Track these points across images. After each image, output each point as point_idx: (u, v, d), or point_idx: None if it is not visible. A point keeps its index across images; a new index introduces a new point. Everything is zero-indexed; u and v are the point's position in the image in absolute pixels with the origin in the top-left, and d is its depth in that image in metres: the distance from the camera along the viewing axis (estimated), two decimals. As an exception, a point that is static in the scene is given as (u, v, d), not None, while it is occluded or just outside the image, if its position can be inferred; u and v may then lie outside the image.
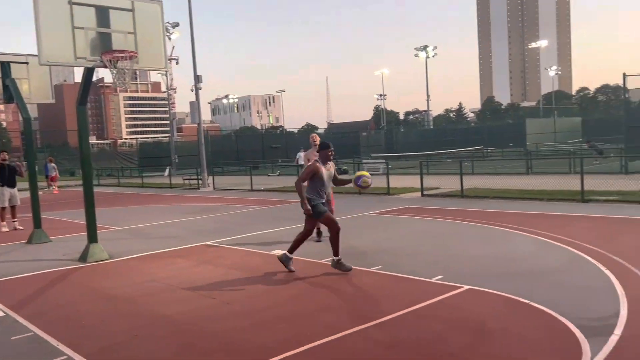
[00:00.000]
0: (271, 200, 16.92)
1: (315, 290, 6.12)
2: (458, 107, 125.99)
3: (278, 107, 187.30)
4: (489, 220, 10.56)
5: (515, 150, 39.71)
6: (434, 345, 4.31)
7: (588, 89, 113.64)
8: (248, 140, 47.54)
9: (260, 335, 4.73)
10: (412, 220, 11.20)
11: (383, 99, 77.12)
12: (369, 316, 5.00)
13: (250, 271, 7.26)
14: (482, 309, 5.15)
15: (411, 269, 6.79)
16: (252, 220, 12.51)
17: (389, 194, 16.55)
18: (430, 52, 55.57)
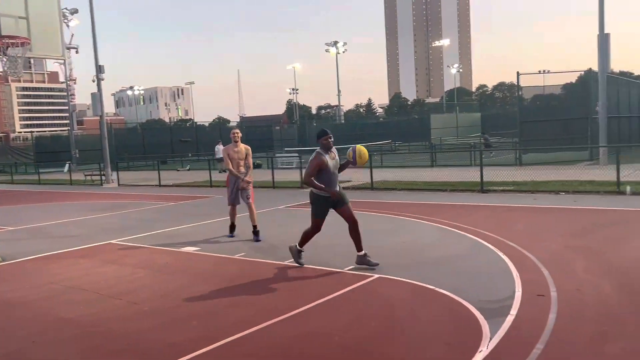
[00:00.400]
0: (181, 196, 16.43)
1: (227, 287, 6.04)
2: (368, 103, 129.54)
3: (187, 100, 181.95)
4: (397, 211, 10.96)
5: (421, 144, 41.53)
6: (345, 334, 4.41)
7: (486, 86, 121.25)
8: (156, 134, 45.77)
9: (171, 334, 4.59)
10: (325, 213, 11.35)
11: (295, 93, 77.45)
12: (280, 309, 5.02)
13: (159, 270, 7.02)
14: (391, 296, 5.34)
15: (324, 261, 6.89)
16: (161, 217, 12.09)
17: (303, 187, 16.66)
18: (340, 47, 56.49)
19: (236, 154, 8.59)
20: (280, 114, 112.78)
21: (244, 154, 8.63)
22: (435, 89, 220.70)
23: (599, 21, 18.40)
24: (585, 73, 21.21)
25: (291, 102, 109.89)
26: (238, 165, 8.61)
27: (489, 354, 3.85)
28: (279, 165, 26.54)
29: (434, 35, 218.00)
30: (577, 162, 17.79)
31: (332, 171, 6.48)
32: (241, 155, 8.59)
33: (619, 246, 6.96)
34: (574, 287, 5.26)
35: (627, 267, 5.91)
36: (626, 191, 11.43)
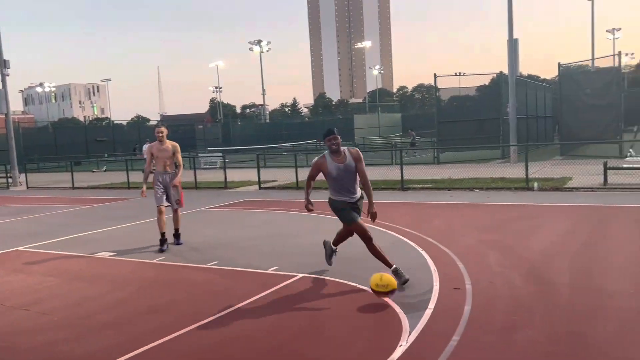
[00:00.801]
0: (96, 199, 15.64)
1: (146, 293, 5.80)
2: (293, 102, 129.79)
3: (104, 97, 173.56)
4: (321, 209, 11.00)
5: (346, 144, 42.17)
6: (268, 336, 4.36)
7: (407, 87, 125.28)
8: (69, 133, 43.27)
9: (85, 345, 4.34)
10: (249, 213, 11.24)
11: (219, 92, 76.15)
12: (201, 314, 4.88)
13: (72, 277, 6.63)
14: (315, 295, 5.36)
15: (247, 262, 6.80)
16: (74, 221, 11.43)
17: (227, 187, 16.41)
18: (264, 46, 56.22)
19: (161, 153, 8.02)
20: (204, 113, 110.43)
21: (170, 152, 8.04)
22: (359, 90, 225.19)
23: (508, 27, 19.55)
24: (497, 76, 22.43)
25: (215, 101, 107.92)
26: (164, 165, 8.04)
27: (409, 348, 3.95)
28: (202, 165, 25.98)
29: (356, 37, 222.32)
30: (490, 160, 18.79)
31: (337, 177, 5.55)
32: (167, 153, 8.02)
33: (527, 239, 7.40)
34: (488, 280, 5.52)
35: (535, 259, 6.30)
36: (534, 187, 12.20)
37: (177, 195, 8.13)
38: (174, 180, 8.03)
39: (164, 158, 8.04)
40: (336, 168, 5.53)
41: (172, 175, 8.06)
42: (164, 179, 8.06)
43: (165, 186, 8.08)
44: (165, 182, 8.07)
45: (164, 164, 8.06)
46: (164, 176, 8.06)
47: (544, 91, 28.71)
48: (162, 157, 8.04)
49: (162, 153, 8.04)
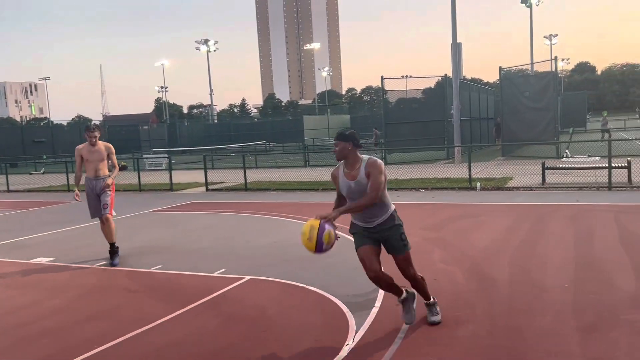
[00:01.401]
0: (34, 202, 14.93)
1: (85, 299, 5.58)
2: (241, 103, 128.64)
3: (42, 97, 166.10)
4: (269, 211, 10.98)
5: (295, 145, 42.21)
6: (214, 338, 4.29)
7: (355, 89, 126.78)
8: (4, 134, 41.13)
9: (20, 354, 4.13)
10: (196, 216, 11.04)
11: (165, 92, 74.41)
12: (145, 319, 4.74)
13: (6, 284, 6.29)
14: (262, 296, 5.31)
15: (193, 265, 6.67)
16: (8, 226, 10.87)
17: (172, 189, 16.05)
18: (211, 46, 55.39)
19: (93, 155, 7.13)
20: (149, 113, 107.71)
21: (104, 153, 7.17)
22: (308, 91, 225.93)
23: (452, 31, 20.12)
24: (442, 79, 23.03)
25: (160, 101, 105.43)
26: (95, 169, 7.13)
27: (355, 347, 3.97)
28: (147, 167, 25.31)
29: (305, 37, 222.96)
30: (435, 161, 19.27)
31: (347, 196, 4.26)
32: (100, 156, 7.14)
33: (469, 237, 7.63)
34: (432, 277, 5.64)
35: (477, 256, 6.49)
36: (477, 187, 12.60)
37: (105, 199, 7.10)
38: (106, 180, 7.13)
39: (96, 161, 7.15)
40: (347, 186, 4.19)
41: (103, 181, 7.14)
42: (95, 185, 7.13)
43: (98, 194, 7.13)
44: (97, 190, 7.13)
45: (95, 168, 7.15)
46: (94, 182, 7.14)
47: (487, 94, 29.74)
48: (94, 160, 7.14)
49: (94, 155, 7.14)
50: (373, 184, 4.07)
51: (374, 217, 4.23)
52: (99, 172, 7.16)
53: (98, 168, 7.16)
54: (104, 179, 7.15)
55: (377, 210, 4.22)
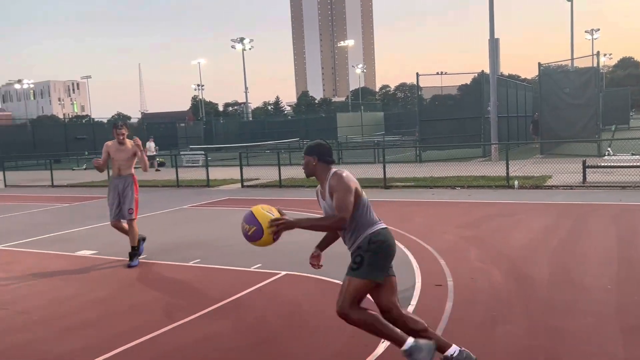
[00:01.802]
0: (77, 197, 15.43)
1: (126, 292, 5.75)
2: (275, 100, 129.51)
3: (84, 95, 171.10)
4: (304, 207, 11.05)
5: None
6: (250, 332, 4.36)
7: (389, 86, 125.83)
8: (48, 131, 42.59)
9: (64, 344, 4.28)
10: (232, 212, 11.19)
11: (201, 89, 75.62)
12: (182, 313, 4.85)
13: (51, 275, 6.53)
14: (298, 292, 5.36)
15: (230, 260, 6.78)
16: (53, 220, 11.27)
17: (209, 186, 16.32)
18: (247, 44, 55.97)
19: (119, 154, 6.96)
20: (185, 111, 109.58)
21: (131, 152, 6.97)
22: (341, 88, 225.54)
23: (489, 27, 19.76)
24: (478, 75, 22.64)
25: (197, 99, 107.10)
26: (119, 168, 6.97)
27: (390, 345, 3.97)
28: (184, 163, 25.80)
29: (339, 35, 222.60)
30: (471, 159, 18.98)
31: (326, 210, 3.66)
32: (126, 154, 6.96)
33: (507, 236, 7.50)
34: (468, 276, 5.59)
35: (514, 255, 6.38)
36: (514, 185, 12.36)
37: (131, 204, 6.94)
38: (137, 142, 6.92)
39: (122, 160, 6.98)
40: (323, 207, 3.72)
41: (126, 181, 6.97)
42: (118, 184, 6.98)
43: (119, 194, 6.95)
44: (119, 189, 6.95)
45: (119, 166, 6.99)
46: (117, 181, 7.01)
47: (525, 90, 29.09)
48: (120, 159, 6.98)
49: (121, 154, 6.98)
50: (336, 204, 3.37)
51: (348, 243, 3.63)
52: (122, 171, 7.00)
53: (121, 167, 7.00)
54: (126, 177, 6.99)
55: (350, 236, 3.57)
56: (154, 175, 20.52)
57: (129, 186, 6.98)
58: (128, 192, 6.94)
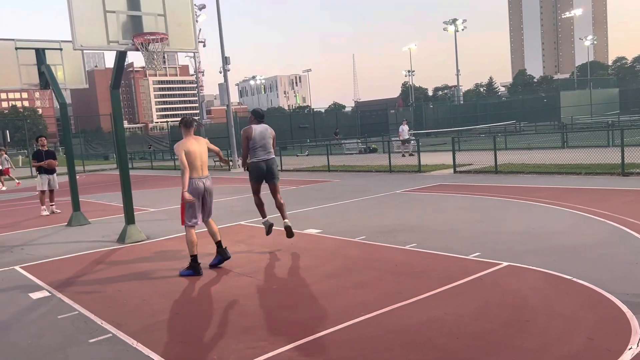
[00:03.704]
0: (301, 180, 16.95)
1: (350, 269, 6.11)
2: (488, 82, 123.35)
3: (305, 87, 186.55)
4: (524, 195, 10.34)
5: (549, 124, 38.71)
6: (473, 322, 4.25)
7: (625, 58, 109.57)
8: (276, 121, 47.55)
9: (298, 313, 4.75)
10: (445, 197, 11.06)
11: (411, 75, 75.95)
12: (404, 294, 4.97)
13: (285, 250, 7.30)
14: (523, 285, 5.05)
15: (447, 246, 6.71)
16: (284, 200, 12.52)
17: (420, 171, 16.38)
18: (459, 25, 54.23)
19: (198, 149, 6.36)
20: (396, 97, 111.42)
21: (205, 146, 6.50)
22: (565, 64, 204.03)
23: None
24: None
25: (407, 85, 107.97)
26: (202, 166, 6.40)
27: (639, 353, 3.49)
28: (395, 149, 26.30)
29: (563, 5, 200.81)
30: None
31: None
32: (203, 150, 6.45)
33: None
34: None
35: None
36: None
37: (210, 205, 6.63)
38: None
39: (201, 159, 6.40)
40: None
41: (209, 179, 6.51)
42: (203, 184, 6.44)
43: (204, 194, 6.47)
44: (202, 189, 6.43)
45: (201, 166, 6.39)
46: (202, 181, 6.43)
47: None
48: (199, 156, 6.39)
49: (199, 148, 6.40)
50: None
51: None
52: (204, 172, 6.47)
53: (204, 164, 6.50)
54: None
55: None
56: (402, 160, 21.27)
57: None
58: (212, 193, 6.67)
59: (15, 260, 7.84)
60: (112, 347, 4.27)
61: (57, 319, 5.06)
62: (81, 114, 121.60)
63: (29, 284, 6.41)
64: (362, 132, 44.61)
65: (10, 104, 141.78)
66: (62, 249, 8.50)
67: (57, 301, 5.63)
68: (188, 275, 6.26)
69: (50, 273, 6.92)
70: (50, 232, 10.27)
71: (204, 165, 6.43)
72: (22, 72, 11.14)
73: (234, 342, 4.17)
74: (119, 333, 4.53)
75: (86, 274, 6.81)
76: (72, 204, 11.25)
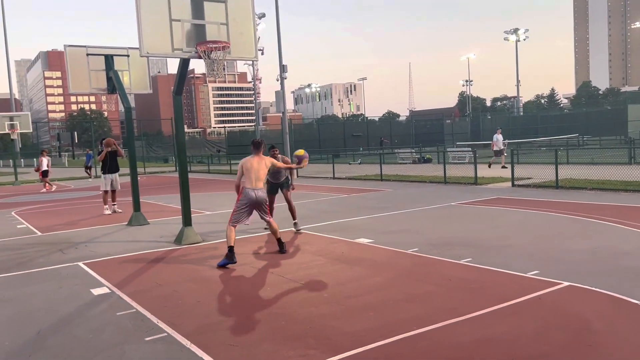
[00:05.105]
0: (353, 189, 16.91)
1: (401, 281, 6.02)
2: (550, 93, 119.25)
3: (359, 95, 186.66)
4: (587, 212, 9.89)
5: (615, 139, 36.94)
6: (533, 343, 4.08)
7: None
8: (329, 129, 47.82)
9: (349, 323, 4.72)
10: (503, 211, 10.73)
11: (469, 85, 74.54)
12: (458, 310, 4.84)
13: (336, 258, 7.29)
14: (585, 308, 4.81)
15: (504, 262, 6.50)
16: (335, 208, 12.57)
17: (477, 183, 15.99)
18: (521, 35, 52.80)
19: (257, 165, 7.50)
20: (452, 107, 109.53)
21: (267, 165, 7.61)
22: (634, 76, 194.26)
23: None
24: None
25: (464, 94, 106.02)
26: (256, 180, 7.49)
27: None
28: (450, 160, 25.82)
29: (633, 15, 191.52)
30: None
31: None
32: (260, 167, 7.51)
33: None
34: None
35: None
36: None
37: (265, 206, 7.73)
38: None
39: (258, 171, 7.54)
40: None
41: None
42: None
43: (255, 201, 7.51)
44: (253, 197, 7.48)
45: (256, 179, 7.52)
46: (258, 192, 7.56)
47: None
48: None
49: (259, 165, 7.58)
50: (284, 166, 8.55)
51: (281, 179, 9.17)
52: (259, 184, 7.52)
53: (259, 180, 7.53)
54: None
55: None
56: (457, 171, 21.04)
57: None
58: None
59: (79, 256, 8.22)
60: (167, 346, 4.38)
61: (116, 315, 5.25)
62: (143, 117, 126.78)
63: (90, 280, 6.70)
64: (416, 142, 44.08)
65: (79, 106, 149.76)
66: (122, 247, 8.83)
67: (117, 298, 5.85)
68: (224, 264, 7.10)
69: (111, 270, 7.21)
70: (111, 231, 10.71)
71: (258, 180, 7.52)
72: (91, 77, 11.73)
73: (284, 349, 4.19)
74: (173, 333, 4.65)
75: (144, 273, 7.04)
76: (132, 205, 11.69)
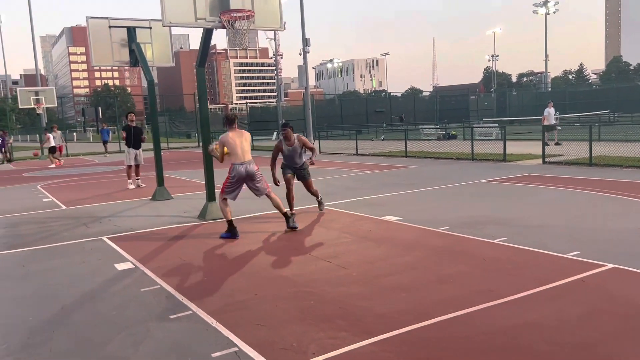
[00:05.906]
0: (377, 165, 16.61)
1: (433, 261, 5.77)
2: (579, 69, 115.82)
3: (382, 71, 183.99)
4: (624, 191, 9.47)
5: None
6: (579, 330, 3.82)
7: None
8: (352, 105, 47.21)
9: (380, 304, 4.51)
10: (535, 189, 10.35)
11: (495, 60, 72.77)
12: (496, 293, 4.59)
13: (363, 236, 7.07)
14: (634, 291, 4.51)
15: (541, 243, 6.19)
16: (360, 185, 12.31)
17: (506, 160, 15.54)
18: (551, 7, 51.04)
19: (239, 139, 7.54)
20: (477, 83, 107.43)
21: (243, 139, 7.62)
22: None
23: None
24: None
25: (489, 70, 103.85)
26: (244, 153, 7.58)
27: None
28: (476, 136, 25.24)
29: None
30: None
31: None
32: (243, 139, 7.61)
33: None
34: None
35: None
36: None
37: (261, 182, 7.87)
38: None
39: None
40: (286, 149, 8.47)
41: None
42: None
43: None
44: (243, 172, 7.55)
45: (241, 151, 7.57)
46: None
47: None
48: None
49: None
50: (309, 145, 8.54)
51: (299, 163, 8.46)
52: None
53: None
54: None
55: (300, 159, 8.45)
56: (484, 147, 20.58)
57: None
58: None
59: (103, 230, 8.16)
60: (192, 324, 4.24)
61: (140, 291, 5.13)
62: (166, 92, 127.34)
63: (114, 255, 6.61)
64: (440, 118, 43.31)
65: (103, 82, 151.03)
66: (146, 222, 8.75)
67: (140, 274, 5.74)
68: (226, 237, 7.23)
69: (135, 245, 7.11)
70: (135, 205, 10.65)
71: (245, 152, 7.49)
72: (114, 50, 11.56)
73: (313, 330, 4.01)
74: (198, 311, 4.50)
75: (168, 248, 6.93)
76: (156, 179, 11.61)
